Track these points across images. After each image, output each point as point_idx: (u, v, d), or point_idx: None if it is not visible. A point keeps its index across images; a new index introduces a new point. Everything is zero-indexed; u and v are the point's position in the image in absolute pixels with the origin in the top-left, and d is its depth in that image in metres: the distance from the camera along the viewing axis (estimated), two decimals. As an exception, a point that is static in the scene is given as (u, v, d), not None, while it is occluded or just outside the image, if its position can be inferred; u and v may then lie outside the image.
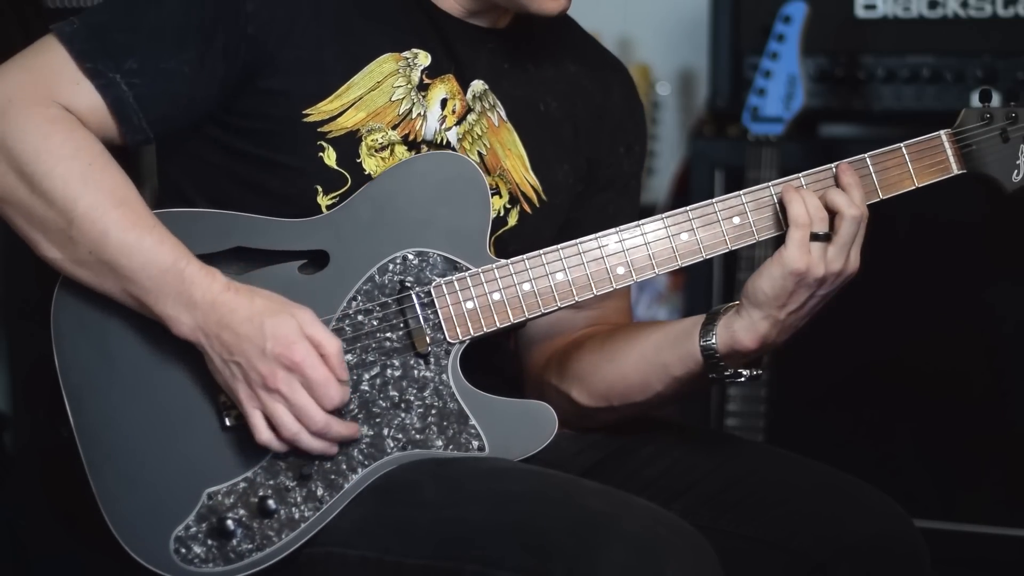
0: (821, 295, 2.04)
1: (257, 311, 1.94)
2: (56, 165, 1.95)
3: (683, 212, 2.07)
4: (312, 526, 1.99)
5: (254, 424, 1.96)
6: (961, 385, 3.32)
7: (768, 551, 2.10)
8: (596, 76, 2.27)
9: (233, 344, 1.93)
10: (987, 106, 2.11)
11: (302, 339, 1.94)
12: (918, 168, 2.09)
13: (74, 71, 1.99)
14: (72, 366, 2.00)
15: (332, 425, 1.96)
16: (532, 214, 2.18)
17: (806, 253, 2.01)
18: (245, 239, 2.03)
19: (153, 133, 2.03)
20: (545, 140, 2.20)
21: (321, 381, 1.94)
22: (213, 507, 1.98)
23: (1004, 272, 3.28)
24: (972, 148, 2.11)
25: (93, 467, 1.98)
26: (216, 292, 1.94)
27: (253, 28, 2.03)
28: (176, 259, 1.95)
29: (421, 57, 2.12)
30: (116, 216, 1.95)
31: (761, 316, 2.04)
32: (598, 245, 2.06)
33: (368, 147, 2.08)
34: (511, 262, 2.05)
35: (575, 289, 2.06)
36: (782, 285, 2.01)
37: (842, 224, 2.02)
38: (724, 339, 2.06)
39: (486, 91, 2.16)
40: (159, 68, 2.01)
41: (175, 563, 1.97)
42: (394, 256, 2.04)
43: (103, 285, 1.97)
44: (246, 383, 1.94)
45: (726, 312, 2.07)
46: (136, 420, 1.99)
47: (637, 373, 2.14)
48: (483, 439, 2.04)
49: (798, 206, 2.02)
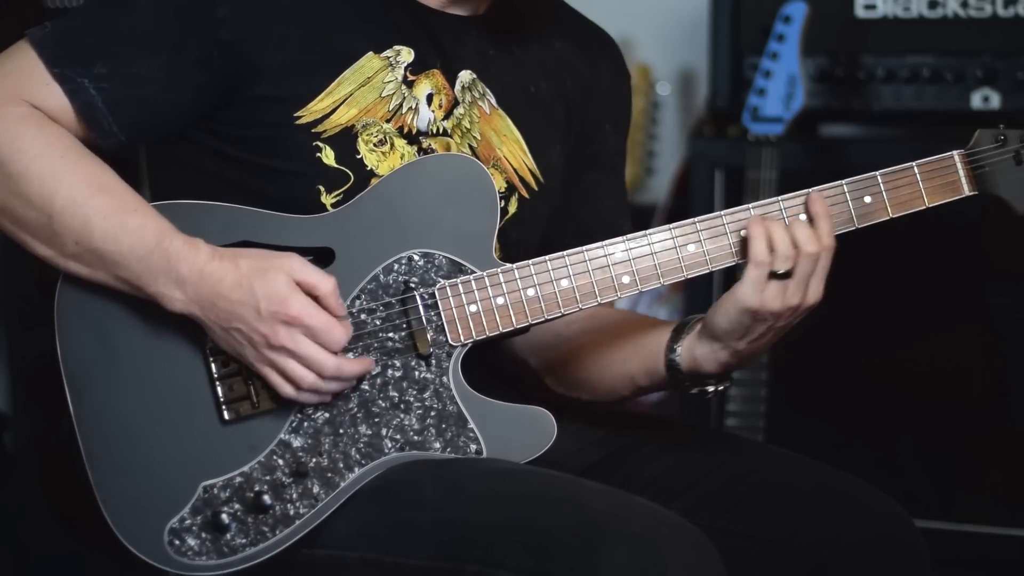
0: (780, 327, 2.04)
1: (244, 274, 1.95)
2: (30, 163, 1.96)
3: (691, 223, 2.06)
4: (307, 523, 1.99)
5: (273, 382, 1.97)
6: (961, 385, 3.31)
7: (768, 550, 2.10)
8: (583, 51, 2.27)
9: (229, 311, 1.94)
10: (1001, 128, 2.10)
11: (294, 291, 1.94)
12: (929, 188, 2.08)
13: (44, 74, 2.00)
14: (73, 355, 2.00)
15: (344, 366, 1.97)
16: (530, 199, 2.18)
17: (760, 292, 1.99)
18: (251, 233, 2.03)
19: (125, 137, 2.03)
20: (538, 122, 2.20)
21: (322, 327, 1.94)
22: (208, 500, 1.99)
23: (1004, 272, 3.28)
24: (985, 170, 2.09)
25: (91, 456, 1.98)
26: (202, 263, 1.95)
27: (226, 33, 2.02)
28: (160, 237, 1.95)
29: (404, 54, 2.11)
30: (95, 204, 1.96)
31: (721, 347, 2.05)
32: (604, 253, 2.06)
33: (365, 141, 2.08)
34: (516, 267, 2.05)
35: (579, 296, 2.06)
36: (739, 321, 2.01)
37: (799, 260, 2.00)
38: (687, 362, 2.08)
39: (475, 80, 2.16)
40: (129, 73, 2.01)
41: (169, 554, 1.98)
42: (399, 256, 2.04)
43: (96, 275, 1.98)
44: (251, 346, 1.95)
45: (692, 329, 2.08)
46: (135, 411, 2.00)
47: (603, 379, 2.18)
48: (481, 443, 2.04)
49: (760, 243, 2.00)
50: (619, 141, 2.32)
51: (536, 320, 2.05)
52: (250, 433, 2.00)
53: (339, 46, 2.07)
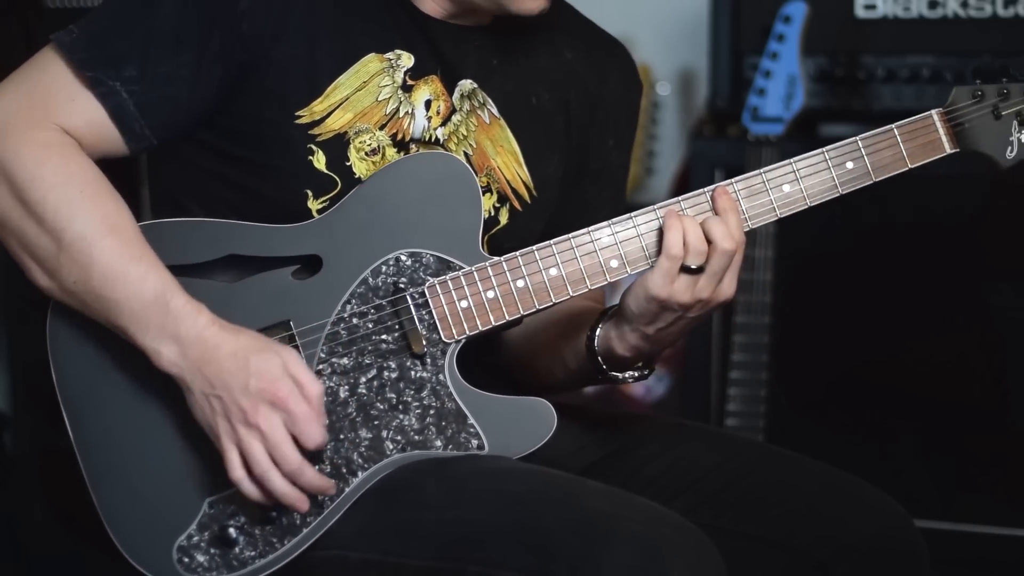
0: (691, 317, 2.04)
1: (242, 347, 1.93)
2: (49, 192, 1.95)
3: (675, 202, 2.05)
4: (314, 531, 1.99)
5: (229, 460, 1.93)
6: (961, 385, 3.31)
7: (768, 550, 2.10)
8: (593, 62, 2.26)
9: (216, 378, 1.92)
10: (978, 84, 2.09)
11: (286, 376, 1.92)
12: (910, 149, 2.08)
13: (71, 85, 1.99)
14: (69, 380, 2.00)
15: (305, 469, 1.93)
16: (523, 211, 2.18)
17: (669, 283, 2.00)
18: (238, 246, 2.02)
19: (156, 139, 2.03)
20: (537, 133, 2.19)
21: (304, 417, 1.92)
22: (214, 516, 1.98)
23: (1004, 272, 3.28)
24: (964, 127, 2.09)
25: (93, 480, 1.98)
26: (201, 327, 1.93)
27: (247, 26, 2.02)
28: (162, 292, 1.93)
29: (404, 58, 2.11)
30: (103, 245, 1.94)
31: (630, 330, 2.05)
32: (591, 239, 2.05)
33: (357, 150, 2.08)
34: (504, 259, 2.04)
35: (569, 284, 2.05)
36: (646, 307, 2.02)
37: (713, 255, 2.00)
38: (602, 344, 2.09)
39: (475, 89, 2.15)
40: (157, 73, 2.00)
41: (179, 573, 1.97)
42: (387, 258, 2.04)
43: (91, 314, 1.97)
44: (225, 417, 1.92)
45: (611, 317, 2.08)
46: (135, 431, 1.99)
47: (543, 363, 2.20)
48: (482, 438, 2.04)
49: (675, 235, 2.00)
50: (622, 156, 2.31)
51: (528, 311, 2.05)
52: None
53: (344, 44, 2.07)
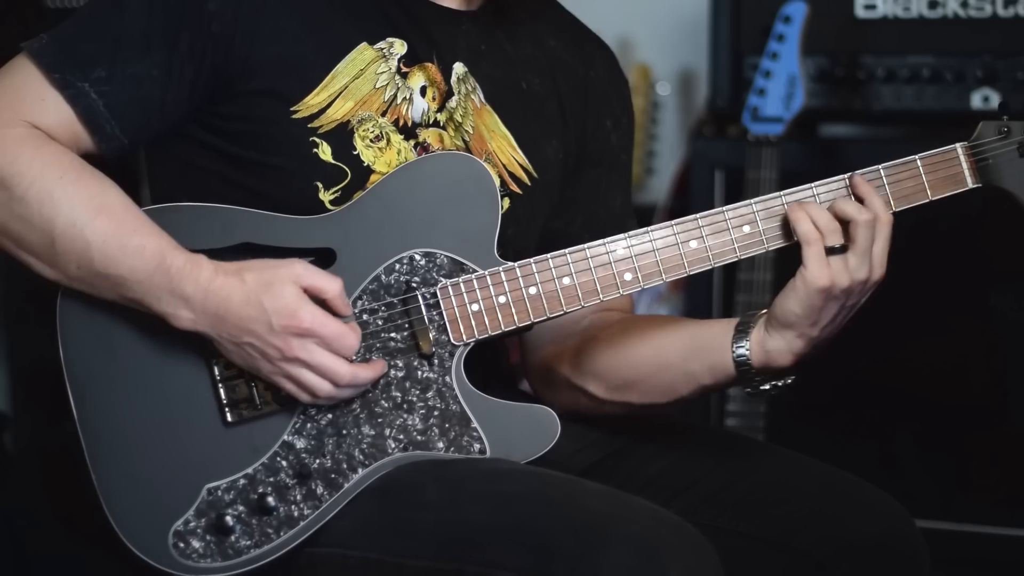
0: (851, 305, 2.03)
1: (251, 289, 1.94)
2: (29, 187, 1.95)
3: (693, 219, 2.05)
4: (311, 525, 1.99)
5: (291, 392, 1.97)
6: (961, 385, 3.31)
7: (768, 550, 2.10)
8: (577, 50, 2.26)
9: (239, 327, 1.94)
10: (1005, 120, 2.09)
11: (303, 301, 1.93)
12: (932, 181, 2.08)
13: (41, 86, 1.99)
14: (76, 359, 2.00)
15: (359, 372, 1.96)
16: (524, 194, 2.17)
17: (826, 268, 1.99)
18: (252, 235, 2.02)
19: (128, 140, 2.03)
20: (530, 118, 2.19)
21: (335, 335, 1.94)
22: (213, 502, 1.98)
23: (1004, 272, 3.28)
24: (988, 162, 2.09)
25: (94, 460, 1.98)
26: (206, 280, 1.94)
27: (217, 26, 2.02)
28: (160, 258, 1.94)
29: (397, 46, 2.11)
30: (95, 227, 1.94)
31: (794, 336, 2.03)
32: (607, 251, 2.05)
33: (362, 137, 2.08)
34: (518, 265, 2.04)
35: (581, 294, 2.05)
36: (810, 304, 2.00)
37: (857, 231, 2.01)
38: (759, 357, 2.05)
39: (467, 74, 2.16)
40: (127, 74, 2.01)
41: (173, 557, 1.97)
42: (401, 256, 2.04)
43: (102, 294, 1.98)
44: (265, 359, 1.95)
45: (756, 322, 2.06)
46: (139, 414, 1.99)
47: (661, 379, 2.13)
48: (484, 442, 2.04)
49: (804, 223, 2.01)
50: (622, 139, 2.30)
51: (538, 318, 2.05)
52: (253, 435, 2.00)
53: (332, 38, 2.07)
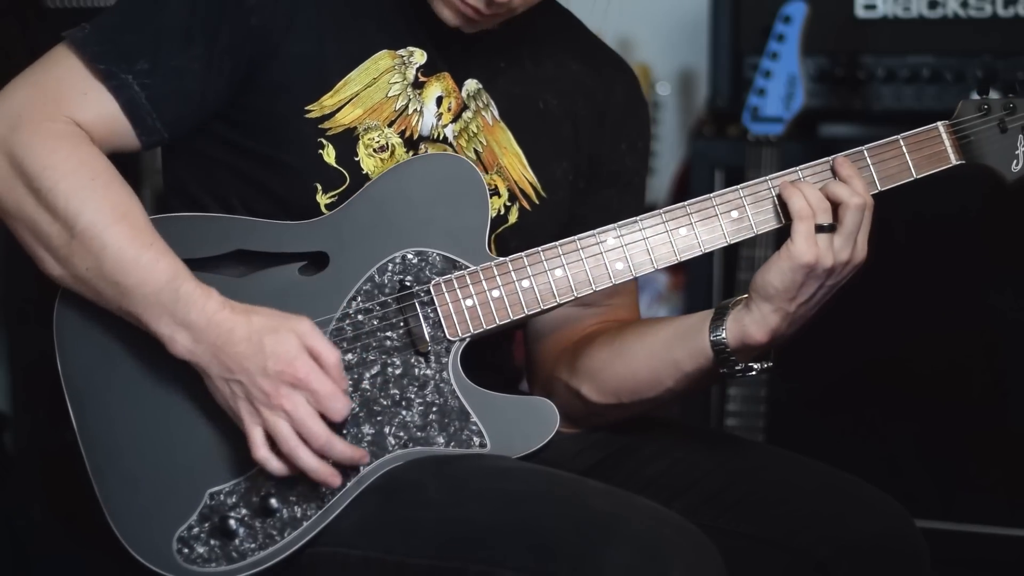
0: (830, 285, 2.04)
1: (255, 329, 1.93)
2: (60, 180, 1.95)
3: (681, 207, 2.07)
4: (314, 525, 1.99)
5: (252, 440, 1.94)
6: (961, 385, 3.31)
7: (769, 550, 2.10)
8: (599, 75, 2.27)
9: (233, 363, 1.92)
10: (985, 97, 2.12)
11: (303, 354, 1.93)
12: (916, 160, 2.10)
13: (83, 79, 2.00)
14: (74, 369, 2.00)
15: (334, 442, 1.94)
16: (532, 211, 2.18)
17: (813, 245, 2.01)
18: (245, 242, 2.02)
19: (168, 133, 2.04)
20: (542, 137, 2.20)
21: (328, 393, 1.93)
22: (215, 507, 1.98)
23: (1004, 271, 3.28)
24: (970, 139, 2.11)
25: (96, 469, 1.98)
26: (212, 311, 1.93)
27: (256, 20, 2.03)
28: (172, 277, 1.94)
29: (417, 55, 2.12)
30: (115, 232, 1.95)
31: (771, 309, 2.04)
32: (596, 241, 2.06)
33: (366, 146, 2.08)
34: (510, 259, 2.05)
35: (574, 285, 2.06)
36: (792, 278, 2.02)
37: (846, 213, 2.02)
38: (734, 333, 2.06)
39: (479, 90, 2.16)
40: (170, 67, 2.01)
41: (178, 563, 1.97)
42: (393, 256, 2.05)
43: (103, 302, 1.97)
44: (247, 400, 1.93)
45: (735, 306, 2.08)
46: (138, 421, 1.99)
47: (647, 369, 2.14)
48: (484, 436, 2.04)
49: (798, 199, 2.03)
50: (637, 163, 2.30)
51: (532, 311, 2.06)
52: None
53: (354, 43, 2.08)
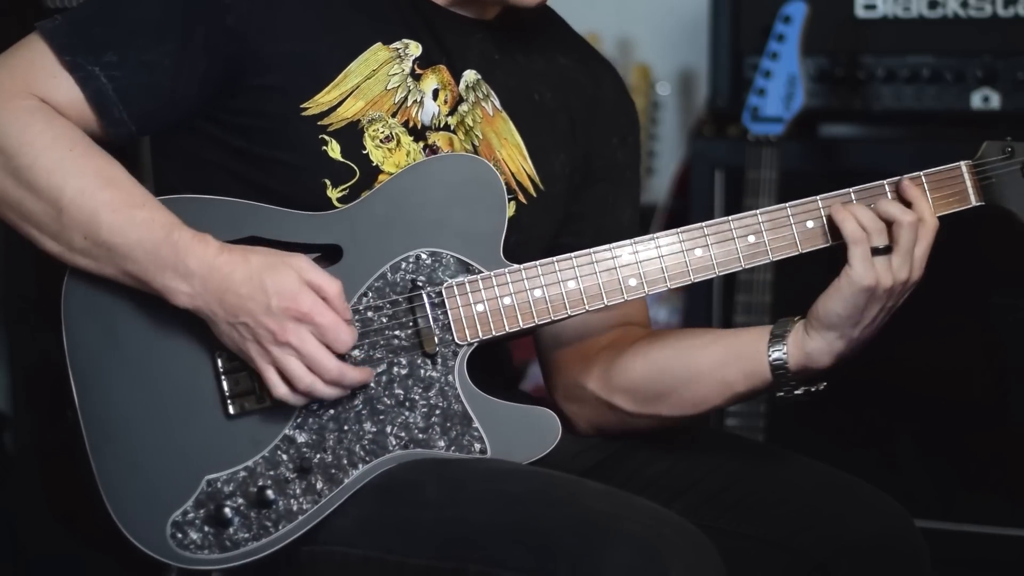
0: (890, 307, 2.05)
1: (255, 269, 1.94)
2: (38, 156, 1.96)
3: (698, 228, 2.07)
4: (309, 519, 1.99)
5: (269, 380, 1.96)
6: (961, 385, 3.31)
7: (769, 550, 2.10)
8: (586, 69, 2.27)
9: (237, 305, 1.94)
10: (1009, 140, 2.11)
11: (304, 288, 1.94)
12: (936, 198, 2.10)
13: (53, 65, 2.00)
14: (80, 348, 2.00)
15: (346, 371, 1.96)
16: (528, 204, 2.18)
17: (871, 268, 2.01)
18: (259, 229, 2.03)
19: (135, 127, 2.03)
20: (541, 129, 2.20)
21: (331, 325, 1.94)
22: (212, 494, 1.99)
23: (1005, 273, 3.28)
24: (991, 181, 2.11)
25: (95, 449, 1.98)
26: (211, 256, 1.94)
27: (232, 19, 2.03)
28: (168, 231, 1.95)
29: (412, 47, 2.12)
30: (104, 197, 1.96)
31: (836, 336, 2.04)
32: (611, 255, 2.06)
33: (372, 137, 2.08)
34: (524, 267, 2.05)
35: (586, 298, 2.06)
36: (855, 303, 2.02)
37: (900, 231, 2.02)
38: (797, 359, 2.06)
39: (479, 81, 2.16)
40: (139, 60, 2.01)
41: (171, 548, 1.98)
42: (407, 255, 2.05)
43: (103, 270, 1.98)
44: (256, 341, 1.95)
45: (793, 328, 2.07)
46: (140, 404, 1.99)
47: (694, 389, 2.12)
48: (485, 442, 2.04)
49: (850, 223, 2.02)
50: (628, 156, 2.30)
51: (543, 321, 2.06)
52: (254, 428, 2.00)
53: (347, 37, 2.08)
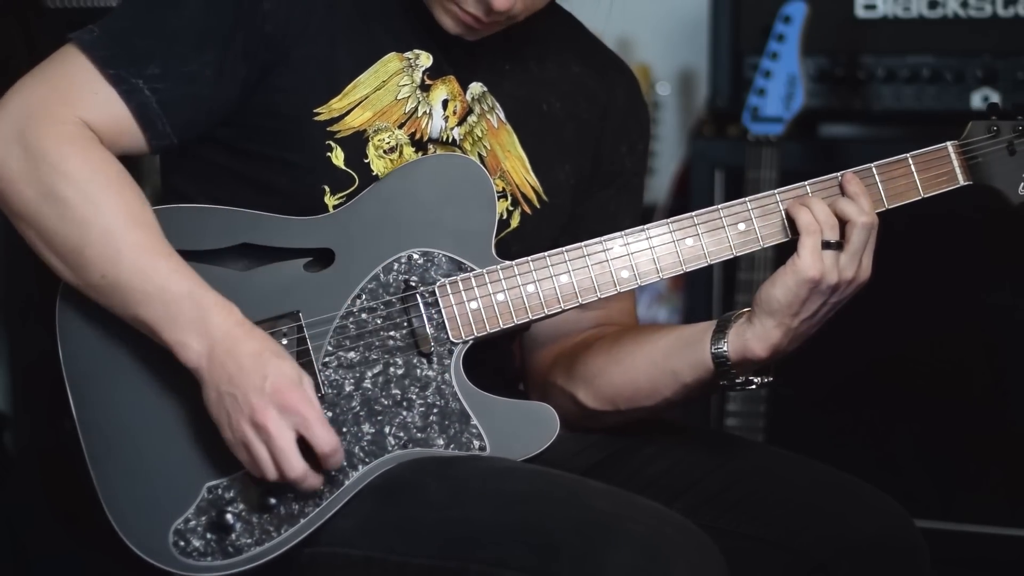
0: (833, 303, 2.05)
1: (265, 349, 1.93)
2: (72, 187, 1.94)
3: (689, 217, 2.07)
4: (311, 522, 1.99)
5: (238, 456, 1.94)
6: (961, 385, 3.32)
7: (769, 550, 2.10)
8: (601, 77, 2.27)
9: (234, 374, 1.92)
10: (994, 119, 2.12)
11: (302, 387, 1.92)
12: (924, 179, 2.10)
13: (94, 80, 1.99)
14: (76, 358, 2.00)
15: (308, 476, 1.94)
16: (533, 215, 2.18)
17: (819, 260, 2.01)
18: (251, 236, 2.03)
19: (177, 138, 2.03)
20: (547, 140, 2.20)
21: (316, 419, 1.92)
22: (213, 501, 1.99)
23: (1004, 271, 3.28)
24: (978, 160, 2.12)
25: (94, 459, 1.98)
26: (232, 324, 1.93)
27: (270, 27, 2.03)
28: (194, 287, 1.93)
29: (423, 58, 2.12)
30: (131, 239, 1.94)
31: (774, 324, 2.04)
32: (603, 248, 2.07)
33: (376, 147, 2.08)
34: (516, 263, 2.06)
35: (579, 292, 2.07)
36: (796, 293, 2.02)
37: (853, 231, 2.03)
38: (736, 347, 2.06)
39: (484, 93, 2.16)
40: (181, 72, 2.00)
41: (174, 556, 1.97)
42: (399, 255, 2.05)
43: (112, 308, 1.96)
44: (234, 414, 1.92)
45: (737, 319, 2.08)
46: (138, 413, 1.99)
47: (646, 378, 2.14)
48: (484, 439, 2.04)
49: (806, 214, 2.03)
50: (637, 164, 2.31)
51: (536, 316, 2.06)
52: None
53: (363, 46, 2.08)
